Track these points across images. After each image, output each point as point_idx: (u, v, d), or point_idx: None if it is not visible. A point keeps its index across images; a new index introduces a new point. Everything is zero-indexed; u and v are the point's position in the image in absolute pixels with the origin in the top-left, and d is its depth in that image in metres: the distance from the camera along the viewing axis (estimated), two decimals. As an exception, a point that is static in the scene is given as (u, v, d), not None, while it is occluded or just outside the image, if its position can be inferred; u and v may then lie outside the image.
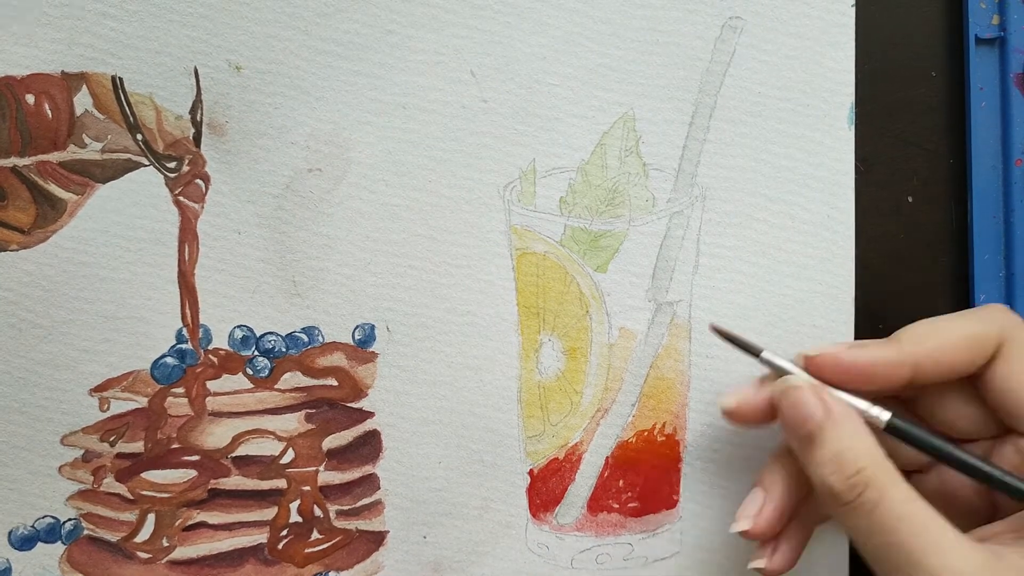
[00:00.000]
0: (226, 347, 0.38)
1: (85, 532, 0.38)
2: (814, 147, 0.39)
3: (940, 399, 0.35)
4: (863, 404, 0.33)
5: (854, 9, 0.38)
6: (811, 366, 0.34)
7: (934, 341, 0.33)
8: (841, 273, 0.39)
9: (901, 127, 0.40)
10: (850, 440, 0.32)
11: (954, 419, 0.35)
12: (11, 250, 0.37)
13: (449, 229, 0.38)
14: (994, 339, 0.32)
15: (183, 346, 0.38)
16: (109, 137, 0.37)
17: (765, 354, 0.34)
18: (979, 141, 0.40)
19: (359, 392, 0.38)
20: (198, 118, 0.37)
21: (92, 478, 0.37)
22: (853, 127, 0.39)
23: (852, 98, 0.39)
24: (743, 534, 0.35)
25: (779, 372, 0.34)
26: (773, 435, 0.37)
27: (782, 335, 0.39)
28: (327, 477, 0.38)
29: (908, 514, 0.30)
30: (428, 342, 0.38)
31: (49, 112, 0.36)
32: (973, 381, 0.34)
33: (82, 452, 0.37)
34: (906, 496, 0.31)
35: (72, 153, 0.37)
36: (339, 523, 0.38)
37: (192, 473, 0.38)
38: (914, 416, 0.36)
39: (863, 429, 0.32)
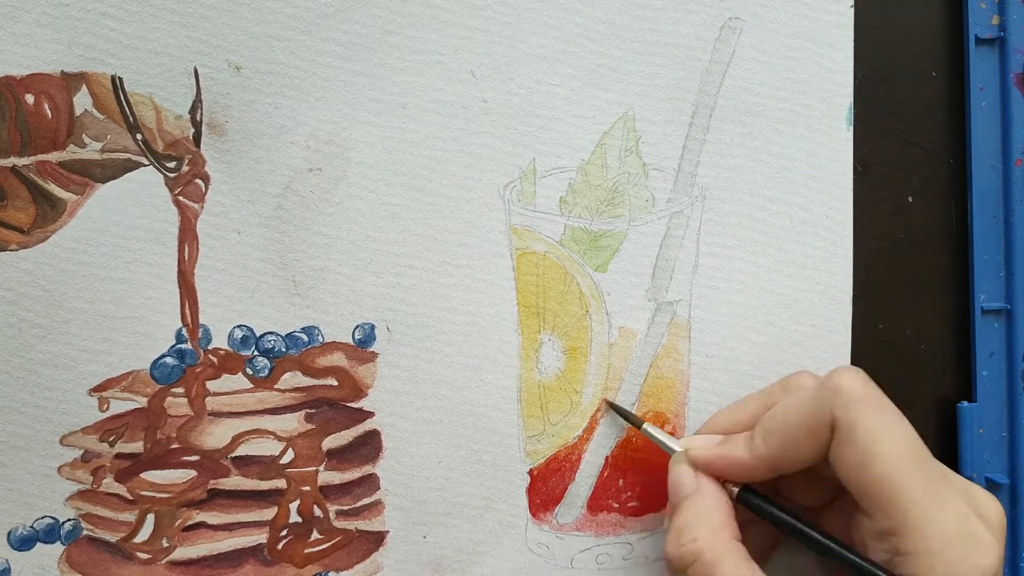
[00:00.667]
0: (226, 347, 0.38)
1: (84, 532, 0.38)
2: (813, 147, 0.39)
3: (788, 478, 0.35)
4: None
5: (853, 10, 0.39)
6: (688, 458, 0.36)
7: (779, 439, 0.33)
8: (839, 272, 0.39)
9: (901, 127, 0.40)
10: (697, 513, 0.34)
11: (795, 492, 0.36)
12: (11, 250, 0.37)
13: (449, 229, 0.38)
14: (827, 425, 0.32)
15: (183, 346, 0.38)
16: (109, 137, 0.37)
17: (646, 426, 0.37)
18: (979, 141, 0.40)
19: (359, 392, 0.38)
20: (198, 118, 0.37)
21: (91, 478, 0.37)
22: (851, 128, 0.39)
23: (851, 99, 0.39)
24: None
25: (660, 444, 0.37)
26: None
27: (781, 334, 0.39)
28: (327, 477, 0.38)
29: None
30: (428, 342, 0.38)
31: (49, 112, 0.37)
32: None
33: (81, 452, 0.37)
34: (736, 570, 0.32)
35: (72, 153, 0.37)
36: (339, 523, 0.39)
37: (192, 473, 0.38)
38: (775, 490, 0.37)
39: (718, 506, 0.34)
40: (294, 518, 0.38)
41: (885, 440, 0.31)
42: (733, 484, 0.35)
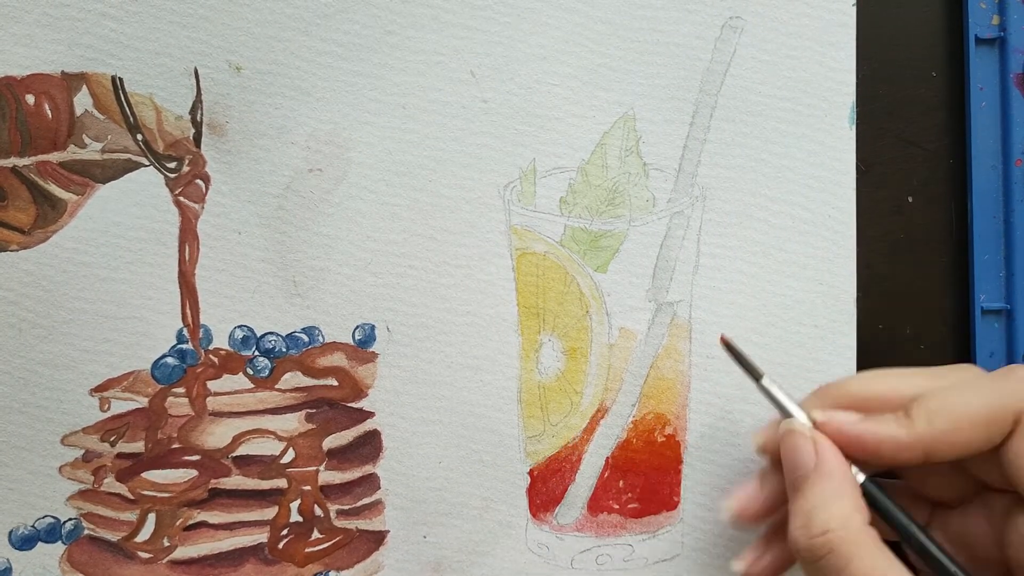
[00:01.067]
0: (226, 347, 0.38)
1: (85, 532, 0.38)
2: (815, 147, 0.39)
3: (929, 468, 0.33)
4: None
5: (855, 9, 0.39)
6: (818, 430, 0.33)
7: (948, 421, 0.31)
8: (842, 273, 0.39)
9: (901, 127, 0.40)
10: (825, 498, 0.31)
11: (924, 483, 0.35)
12: (11, 250, 0.37)
13: (449, 229, 0.38)
14: (1011, 415, 0.30)
15: (183, 346, 0.38)
16: (109, 137, 0.37)
17: (765, 381, 0.34)
18: (979, 141, 0.40)
19: (359, 392, 0.38)
20: (198, 118, 0.37)
21: (92, 478, 0.38)
22: (854, 127, 0.39)
23: (853, 98, 0.39)
24: (729, 516, 0.34)
25: (775, 403, 0.34)
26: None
27: (783, 335, 0.39)
28: (327, 477, 0.38)
29: None
30: (428, 342, 0.38)
31: (49, 112, 0.37)
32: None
33: (82, 452, 0.38)
34: (873, 566, 0.29)
35: (72, 153, 0.37)
36: (339, 523, 0.39)
37: (192, 473, 0.38)
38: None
39: (846, 489, 0.31)
40: (295, 517, 0.38)
41: None
42: (861, 473, 0.32)
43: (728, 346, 0.35)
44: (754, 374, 0.34)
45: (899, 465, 0.32)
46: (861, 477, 0.32)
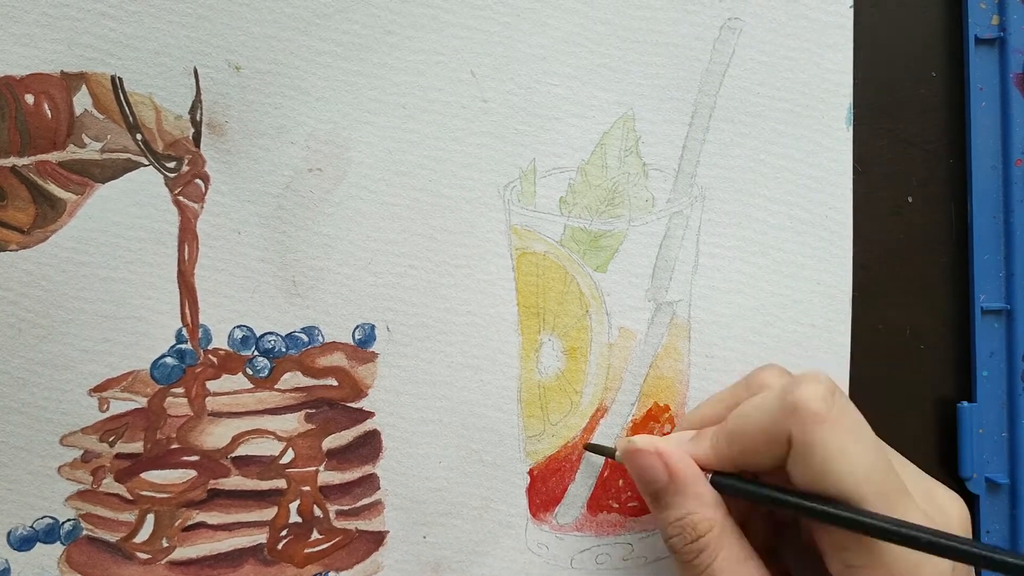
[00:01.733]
0: (226, 347, 0.38)
1: (84, 532, 0.38)
2: (812, 148, 0.39)
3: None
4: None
5: (852, 11, 0.39)
6: None
7: (740, 444, 0.33)
8: (839, 272, 0.39)
9: (901, 127, 0.41)
10: (694, 507, 0.34)
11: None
12: (11, 250, 0.37)
13: (449, 229, 0.38)
14: (784, 438, 0.32)
15: (183, 346, 0.38)
16: (109, 137, 0.37)
17: (617, 454, 0.37)
18: (979, 141, 0.40)
19: (359, 392, 0.39)
20: (198, 118, 0.37)
21: (91, 478, 0.38)
22: (851, 128, 0.39)
23: (850, 99, 0.39)
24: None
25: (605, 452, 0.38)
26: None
27: (780, 334, 0.39)
28: (327, 477, 0.39)
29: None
30: (428, 342, 0.39)
31: (48, 112, 0.37)
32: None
33: (81, 452, 0.38)
34: (736, 557, 0.33)
35: (72, 153, 0.37)
36: (339, 523, 0.39)
37: (192, 473, 0.38)
38: None
39: (705, 492, 0.34)
40: (294, 518, 0.39)
41: (840, 460, 0.31)
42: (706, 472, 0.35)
43: (590, 448, 0.39)
44: (608, 455, 0.38)
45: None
46: (708, 474, 0.35)
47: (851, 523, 0.30)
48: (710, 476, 0.35)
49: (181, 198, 0.38)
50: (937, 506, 0.32)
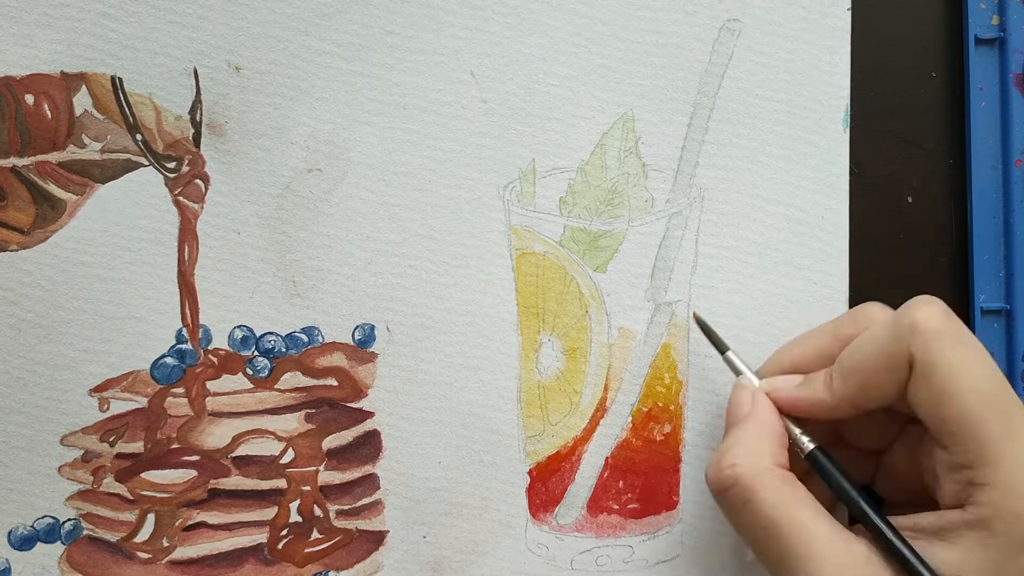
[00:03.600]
0: (226, 347, 0.38)
1: (84, 532, 0.38)
2: (810, 149, 0.39)
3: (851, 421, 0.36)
4: (796, 431, 0.35)
5: (850, 14, 0.39)
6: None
7: (859, 378, 0.33)
8: (836, 273, 0.40)
9: (901, 127, 0.41)
10: (740, 438, 0.34)
11: (858, 437, 0.37)
12: (11, 250, 0.37)
13: (449, 229, 0.39)
14: (905, 361, 0.32)
15: (183, 346, 0.38)
16: (109, 137, 0.37)
17: (728, 354, 0.37)
18: (979, 141, 0.41)
19: (359, 392, 0.39)
20: (197, 118, 0.38)
21: (92, 478, 0.38)
22: (848, 130, 0.39)
23: (847, 101, 0.40)
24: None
25: (735, 372, 0.37)
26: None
27: (778, 334, 0.40)
28: (327, 477, 0.39)
29: (776, 518, 0.32)
30: (428, 342, 0.39)
31: (48, 112, 0.37)
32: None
33: (82, 452, 0.38)
34: (778, 501, 0.32)
35: (71, 153, 0.37)
36: (339, 523, 0.39)
37: (192, 473, 0.38)
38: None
39: (764, 433, 0.34)
40: (294, 518, 0.39)
41: (963, 377, 0.31)
42: (808, 440, 0.35)
43: (699, 322, 0.38)
44: (720, 348, 0.38)
45: (839, 420, 0.35)
46: (811, 446, 0.35)
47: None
48: (813, 447, 0.35)
49: (181, 198, 0.38)
50: None
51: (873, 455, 0.37)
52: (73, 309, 0.38)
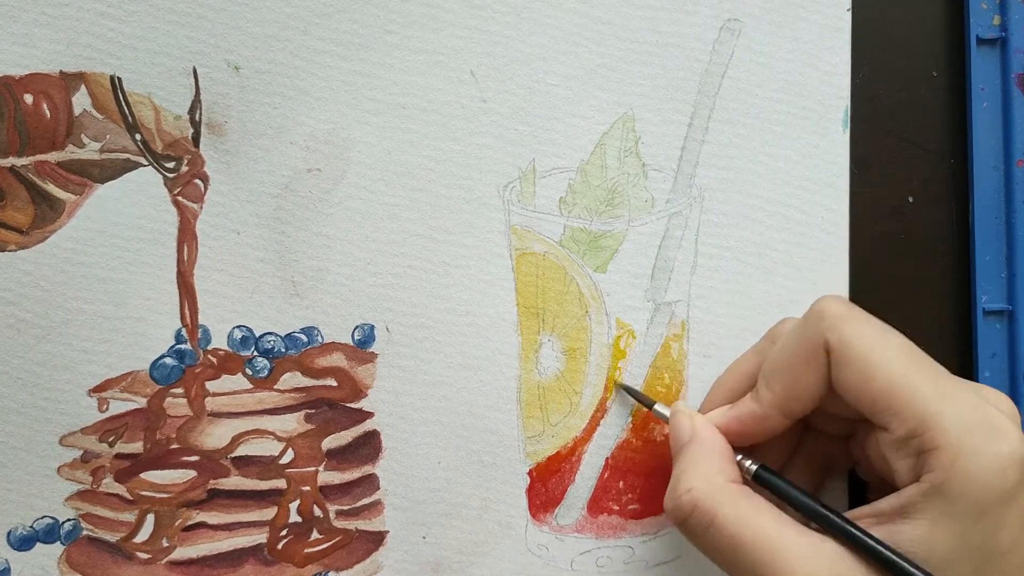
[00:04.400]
0: (225, 347, 0.38)
1: (84, 532, 0.38)
2: (810, 149, 0.40)
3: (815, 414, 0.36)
4: (737, 456, 0.36)
5: (850, 14, 0.39)
6: None
7: (781, 381, 0.34)
8: (835, 273, 0.40)
9: (901, 127, 0.41)
10: (688, 464, 0.34)
11: (823, 423, 0.37)
12: (9, 250, 0.37)
13: (449, 229, 0.39)
14: (822, 352, 0.33)
15: (182, 346, 0.38)
16: (108, 137, 0.38)
17: (657, 407, 0.38)
18: (980, 142, 0.41)
19: (359, 392, 0.39)
20: (197, 118, 0.38)
21: (91, 478, 0.38)
22: (848, 130, 0.40)
23: (847, 101, 0.40)
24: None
25: (666, 419, 0.38)
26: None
27: (777, 334, 0.39)
28: (327, 477, 0.39)
29: (740, 535, 0.32)
30: (428, 342, 0.39)
31: (47, 112, 0.37)
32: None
33: (81, 452, 0.38)
34: (739, 516, 0.32)
35: (70, 153, 0.37)
36: (339, 523, 0.39)
37: (191, 473, 0.38)
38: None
39: (711, 454, 0.35)
40: (294, 518, 0.39)
41: (881, 346, 0.32)
42: (751, 463, 0.35)
43: (623, 387, 0.40)
44: (646, 404, 0.39)
45: (774, 434, 0.35)
46: (754, 467, 0.35)
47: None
48: (755, 470, 0.35)
49: (180, 198, 0.38)
50: (984, 396, 0.32)
51: (845, 441, 0.38)
52: (72, 309, 0.38)
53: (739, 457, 0.35)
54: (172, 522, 0.39)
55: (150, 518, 0.39)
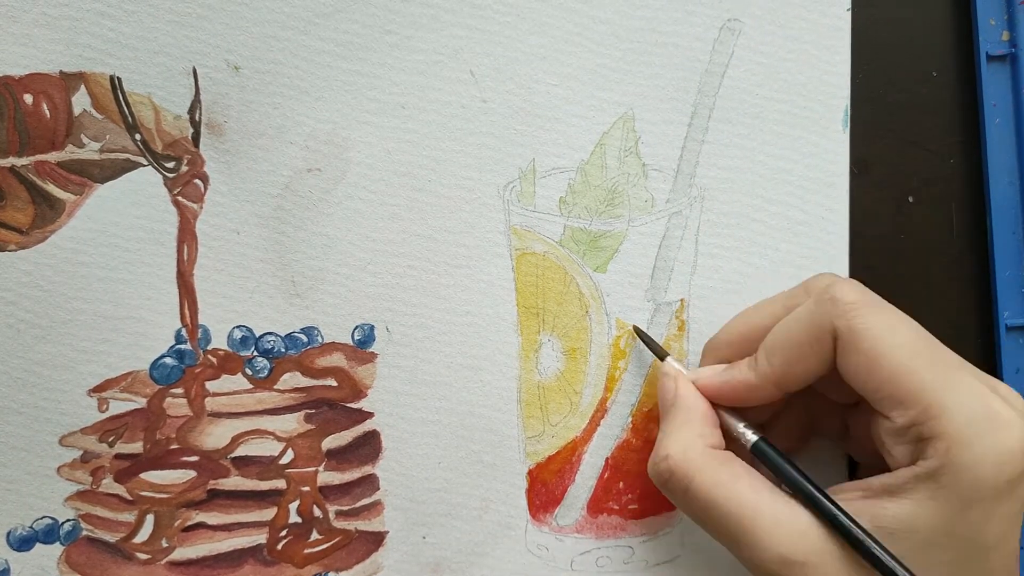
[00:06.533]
0: (225, 347, 0.39)
1: (84, 533, 0.38)
2: (810, 149, 0.40)
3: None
4: (739, 425, 0.36)
5: (850, 14, 0.39)
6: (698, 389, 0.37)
7: (782, 357, 0.34)
8: (836, 273, 0.40)
9: (901, 127, 0.41)
10: (669, 429, 0.35)
11: (828, 389, 0.37)
12: (9, 250, 0.38)
13: (449, 229, 0.39)
14: (829, 337, 0.33)
15: (182, 346, 0.38)
16: (107, 137, 0.38)
17: (669, 360, 0.38)
18: (995, 157, 0.41)
19: (358, 392, 0.39)
20: (196, 118, 0.38)
21: (91, 479, 0.38)
22: (848, 130, 0.40)
23: (847, 101, 0.40)
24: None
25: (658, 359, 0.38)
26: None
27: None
28: (326, 477, 0.39)
29: (716, 500, 0.33)
30: (428, 342, 0.39)
31: (47, 112, 0.37)
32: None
33: (81, 453, 0.38)
34: (715, 482, 0.33)
35: (70, 153, 0.38)
36: (338, 523, 0.39)
37: (191, 473, 0.38)
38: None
39: (690, 418, 0.35)
40: (294, 518, 0.39)
41: (890, 336, 0.32)
42: (752, 432, 0.35)
43: (637, 331, 0.39)
44: (659, 354, 0.39)
45: (765, 402, 0.36)
46: (753, 439, 0.35)
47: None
48: (753, 441, 0.35)
49: (180, 198, 0.38)
50: (994, 388, 0.32)
51: (838, 407, 0.38)
52: (72, 309, 0.38)
53: (741, 427, 0.36)
54: (172, 522, 0.39)
55: (150, 518, 0.39)
